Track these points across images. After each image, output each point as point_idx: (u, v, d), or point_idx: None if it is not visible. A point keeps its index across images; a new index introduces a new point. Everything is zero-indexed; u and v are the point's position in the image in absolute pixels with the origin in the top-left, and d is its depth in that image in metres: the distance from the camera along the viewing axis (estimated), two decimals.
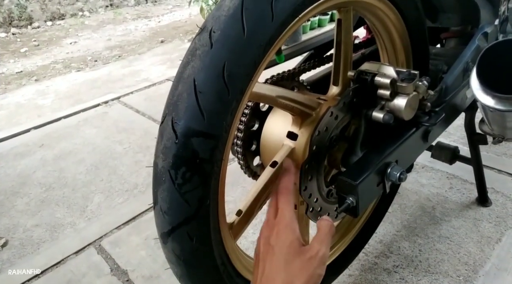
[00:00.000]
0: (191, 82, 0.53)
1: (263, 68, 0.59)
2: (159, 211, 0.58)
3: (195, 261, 0.62)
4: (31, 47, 3.91)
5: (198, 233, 0.59)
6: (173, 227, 0.58)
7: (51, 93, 2.73)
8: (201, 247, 0.61)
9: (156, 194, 0.58)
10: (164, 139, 0.55)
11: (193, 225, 0.58)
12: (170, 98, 0.56)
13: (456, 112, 0.96)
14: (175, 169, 0.54)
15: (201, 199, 0.57)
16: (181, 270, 0.62)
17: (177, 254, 0.60)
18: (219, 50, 0.53)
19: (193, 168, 0.55)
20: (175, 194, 0.56)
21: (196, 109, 0.53)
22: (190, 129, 0.53)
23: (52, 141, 2.06)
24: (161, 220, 0.59)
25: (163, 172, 0.56)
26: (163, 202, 0.57)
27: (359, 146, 0.75)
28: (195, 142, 0.54)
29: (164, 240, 0.60)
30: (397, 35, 0.84)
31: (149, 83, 2.71)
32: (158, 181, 0.57)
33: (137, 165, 1.79)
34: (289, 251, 0.54)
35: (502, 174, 1.52)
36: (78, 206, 1.55)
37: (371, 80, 0.72)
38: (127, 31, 4.30)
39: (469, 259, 1.18)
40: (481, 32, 0.90)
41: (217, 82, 0.53)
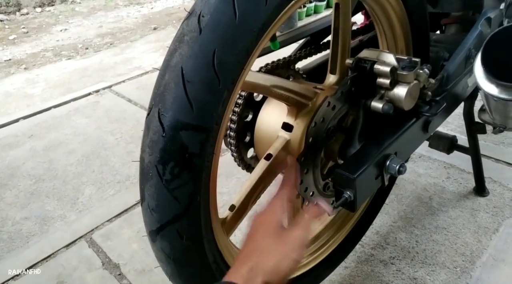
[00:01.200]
0: (178, 70, 0.49)
1: (257, 56, 0.55)
2: (147, 208, 0.55)
3: (186, 260, 0.59)
4: (20, 34, 3.81)
5: (189, 231, 0.56)
6: (162, 225, 0.55)
7: (41, 82, 2.66)
8: (192, 245, 0.58)
9: (143, 190, 0.55)
10: (151, 132, 0.52)
11: (183, 223, 0.55)
12: (157, 88, 0.52)
13: (457, 101, 0.93)
14: (163, 164, 0.51)
15: (191, 196, 0.54)
16: (172, 269, 0.59)
17: (166, 252, 0.57)
18: (208, 36, 0.49)
19: (182, 163, 0.51)
20: (163, 190, 0.52)
21: (184, 100, 0.49)
22: (178, 121, 0.49)
23: (41, 131, 2.01)
24: (149, 218, 0.56)
25: (150, 168, 0.52)
26: (150, 199, 0.54)
27: (357, 137, 0.72)
28: (184, 136, 0.50)
29: (153, 238, 0.57)
30: (397, 20, 0.80)
31: (142, 71, 2.65)
32: (145, 176, 0.54)
33: (129, 156, 1.75)
34: (266, 229, 0.53)
35: (499, 163, 1.50)
36: (68, 198, 1.52)
37: (370, 68, 0.69)
38: (119, 17, 4.20)
39: (466, 250, 1.17)
40: (484, 17, 0.86)
41: (207, 71, 0.49)
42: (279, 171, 0.71)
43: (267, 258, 0.50)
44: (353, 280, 1.11)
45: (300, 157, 0.68)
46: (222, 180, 1.50)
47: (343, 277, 1.12)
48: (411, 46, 0.84)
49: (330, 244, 0.97)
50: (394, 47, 0.85)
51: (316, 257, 0.93)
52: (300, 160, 0.68)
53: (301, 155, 0.68)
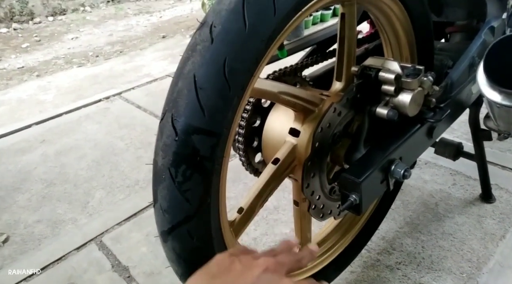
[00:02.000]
0: (191, 78, 0.52)
1: (265, 64, 0.58)
2: (159, 210, 0.57)
3: (196, 260, 0.61)
4: (33, 43, 3.89)
5: (199, 232, 0.58)
6: (173, 225, 0.57)
7: (53, 89, 2.72)
8: (202, 245, 0.60)
9: (156, 192, 0.57)
10: (164, 136, 0.54)
11: (194, 224, 0.57)
12: (170, 94, 0.54)
13: (461, 108, 0.94)
14: (175, 167, 0.54)
15: (202, 197, 0.56)
16: (182, 269, 0.61)
17: (177, 252, 0.59)
18: (219, 46, 0.52)
19: (193, 166, 0.54)
20: (175, 192, 0.55)
21: (196, 105, 0.52)
22: (190, 126, 0.52)
23: (53, 136, 2.06)
24: (161, 219, 0.58)
25: (163, 170, 0.55)
26: (163, 200, 0.56)
27: (363, 142, 0.74)
28: (196, 139, 0.53)
29: (164, 238, 0.59)
30: (401, 29, 0.82)
31: (151, 79, 2.70)
32: (158, 179, 0.56)
33: (138, 161, 1.78)
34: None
35: (506, 170, 1.50)
36: (79, 202, 1.55)
37: (375, 75, 0.71)
38: (129, 26, 4.28)
39: (472, 256, 1.17)
40: (487, 27, 0.88)
41: (218, 78, 0.51)
42: (286, 175, 0.73)
43: None
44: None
45: (306, 162, 0.70)
46: (229, 185, 1.52)
47: (349, 281, 1.12)
48: (416, 54, 0.86)
49: (336, 248, 0.98)
50: (399, 55, 0.87)
51: (322, 260, 0.94)
52: (307, 165, 0.70)
53: (307, 159, 0.70)
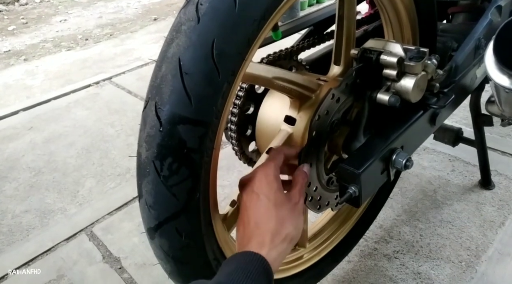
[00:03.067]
0: (176, 62, 0.47)
1: (258, 46, 0.53)
2: (144, 205, 0.53)
3: (186, 257, 0.57)
4: (19, 25, 3.77)
5: (188, 228, 0.54)
6: (160, 222, 0.53)
7: (41, 73, 2.63)
8: (191, 242, 0.56)
9: (141, 186, 0.53)
10: (148, 127, 0.50)
11: (182, 220, 0.53)
12: (153, 80, 0.50)
13: (465, 93, 0.90)
14: (160, 160, 0.49)
15: (190, 192, 0.52)
16: (171, 267, 0.58)
17: (165, 250, 0.55)
18: (207, 25, 0.46)
19: (180, 159, 0.49)
20: (161, 187, 0.50)
21: (182, 92, 0.47)
22: (175, 115, 0.47)
23: (41, 123, 2.00)
24: (147, 215, 0.54)
25: (147, 163, 0.50)
26: (148, 196, 0.52)
27: (362, 131, 0.70)
28: (182, 130, 0.48)
29: (151, 235, 0.55)
30: (403, 9, 0.77)
31: (142, 63, 2.62)
32: (142, 172, 0.52)
33: (129, 148, 1.73)
34: (276, 196, 0.54)
35: (506, 156, 1.48)
36: (68, 191, 1.50)
37: (376, 58, 0.66)
38: (119, 8, 4.15)
39: (471, 244, 1.15)
40: (494, 6, 0.83)
41: (206, 62, 0.46)
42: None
43: (286, 227, 0.52)
44: (356, 274, 1.09)
45: (302, 152, 0.65)
46: (223, 173, 1.48)
47: (346, 271, 1.10)
48: (418, 35, 0.81)
49: (333, 239, 0.95)
50: (400, 37, 0.82)
51: (319, 251, 0.91)
52: (303, 155, 0.66)
53: (304, 149, 0.66)
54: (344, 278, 1.09)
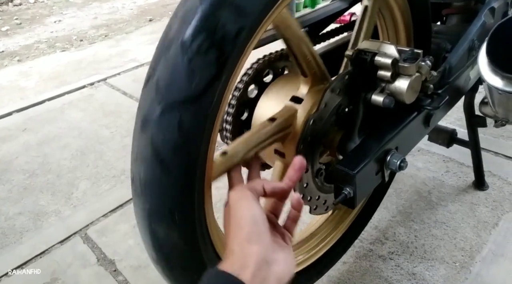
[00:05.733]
0: None
1: None
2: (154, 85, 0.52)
3: (177, 159, 0.54)
4: (13, 26, 3.74)
5: (192, 123, 0.52)
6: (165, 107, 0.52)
7: (35, 74, 2.61)
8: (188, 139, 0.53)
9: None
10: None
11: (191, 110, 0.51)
12: None
13: (459, 94, 0.91)
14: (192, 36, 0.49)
15: (211, 80, 0.49)
16: (153, 170, 0.56)
17: (154, 147, 0.55)
18: None
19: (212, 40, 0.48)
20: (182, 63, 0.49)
21: None
22: None
23: (35, 125, 1.98)
24: (152, 97, 0.53)
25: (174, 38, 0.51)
26: (163, 73, 0.52)
27: (357, 132, 0.70)
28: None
29: (145, 124, 0.56)
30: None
31: (137, 64, 2.61)
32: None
33: (124, 149, 1.73)
34: (226, 215, 0.54)
35: (499, 157, 1.49)
36: (63, 193, 1.49)
37: (370, 60, 0.66)
38: (114, 9, 4.14)
39: (465, 245, 1.16)
40: (487, 7, 0.84)
41: None
42: (276, 140, 0.66)
43: (228, 229, 0.50)
44: (352, 276, 1.09)
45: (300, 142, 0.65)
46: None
47: (341, 272, 1.10)
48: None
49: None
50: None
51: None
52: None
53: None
54: (339, 279, 1.09)
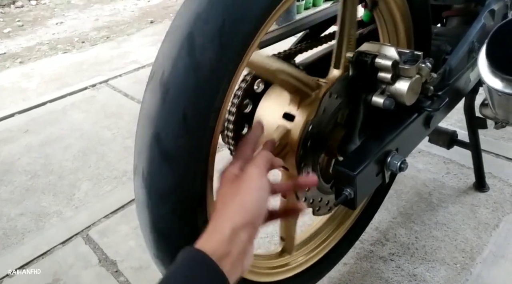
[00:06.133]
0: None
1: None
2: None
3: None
4: (15, 28, 3.76)
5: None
6: None
7: (37, 76, 2.63)
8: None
9: None
10: None
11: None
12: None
13: (459, 96, 0.91)
14: None
15: None
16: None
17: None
18: None
19: None
20: None
21: None
22: None
23: (37, 126, 1.99)
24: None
25: None
26: None
27: (358, 133, 0.70)
28: None
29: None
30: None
31: (138, 66, 2.62)
32: None
33: (126, 151, 1.73)
34: (225, 186, 0.50)
35: (499, 159, 1.49)
36: (64, 194, 1.50)
37: (371, 62, 0.67)
38: (115, 11, 4.15)
39: (466, 246, 1.16)
40: (487, 10, 0.84)
41: None
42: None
43: (228, 202, 0.47)
44: (352, 277, 1.10)
45: (300, 148, 0.65)
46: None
47: (342, 273, 1.10)
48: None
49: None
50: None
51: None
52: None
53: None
54: (340, 280, 1.09)
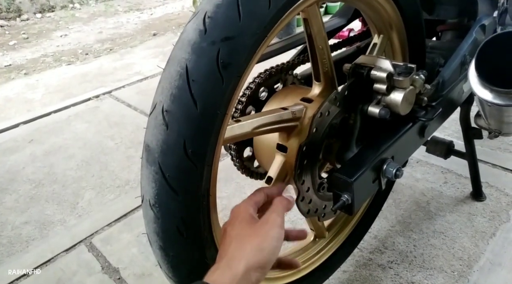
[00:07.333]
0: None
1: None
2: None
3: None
4: (20, 40, 3.83)
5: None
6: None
7: (41, 87, 2.67)
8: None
9: None
10: None
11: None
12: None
13: (452, 106, 0.94)
14: None
15: None
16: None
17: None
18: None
19: None
20: None
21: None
22: None
23: (42, 136, 2.02)
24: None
25: None
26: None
27: (355, 142, 0.73)
28: None
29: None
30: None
31: (141, 77, 2.67)
32: None
33: (128, 160, 1.76)
34: (240, 219, 0.53)
35: (496, 168, 1.51)
36: (68, 203, 1.52)
37: (367, 73, 0.70)
38: (119, 23, 4.23)
39: (463, 254, 1.18)
40: (478, 25, 0.88)
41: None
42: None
43: (245, 242, 0.49)
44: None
45: (297, 174, 0.68)
46: (221, 185, 1.51)
47: (341, 281, 1.12)
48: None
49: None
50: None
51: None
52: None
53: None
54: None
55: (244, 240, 0.50)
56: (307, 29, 0.67)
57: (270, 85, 0.78)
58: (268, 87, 0.77)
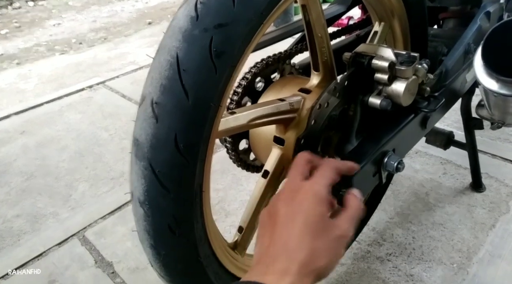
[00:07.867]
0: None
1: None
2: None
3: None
4: (12, 29, 3.75)
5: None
6: None
7: (34, 77, 2.62)
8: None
9: None
10: None
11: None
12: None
13: (455, 97, 0.91)
14: None
15: None
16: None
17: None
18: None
19: None
20: None
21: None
22: None
23: (34, 127, 1.98)
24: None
25: None
26: None
27: (355, 134, 0.71)
28: None
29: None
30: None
31: (136, 67, 2.62)
32: None
33: (123, 152, 1.73)
34: (318, 224, 0.44)
35: (496, 159, 1.49)
36: (61, 195, 1.49)
37: (368, 63, 0.67)
38: (113, 12, 4.15)
39: (463, 246, 1.16)
40: (483, 12, 0.85)
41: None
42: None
43: (321, 260, 0.43)
44: (350, 277, 1.10)
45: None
46: (217, 177, 1.48)
47: (339, 274, 1.11)
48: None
49: None
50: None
51: None
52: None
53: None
54: (337, 281, 1.09)
55: (314, 245, 0.43)
56: (305, 16, 0.64)
57: (266, 75, 0.75)
58: (265, 77, 0.74)
